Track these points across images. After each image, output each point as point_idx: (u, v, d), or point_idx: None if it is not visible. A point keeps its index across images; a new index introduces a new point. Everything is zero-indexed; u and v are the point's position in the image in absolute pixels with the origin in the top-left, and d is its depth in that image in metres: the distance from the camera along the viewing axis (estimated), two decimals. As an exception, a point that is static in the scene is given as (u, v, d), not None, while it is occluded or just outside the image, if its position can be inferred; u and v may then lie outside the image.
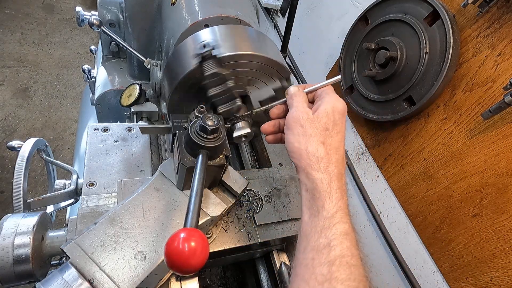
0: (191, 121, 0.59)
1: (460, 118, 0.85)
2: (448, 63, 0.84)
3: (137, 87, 1.05)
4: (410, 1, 0.95)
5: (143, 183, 0.64)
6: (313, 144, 0.49)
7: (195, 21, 0.76)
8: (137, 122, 1.05)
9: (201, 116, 0.56)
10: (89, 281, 0.48)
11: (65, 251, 0.50)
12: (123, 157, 0.79)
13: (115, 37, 1.05)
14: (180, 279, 0.65)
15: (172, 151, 0.67)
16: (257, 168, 0.97)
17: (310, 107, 0.56)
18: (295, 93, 0.56)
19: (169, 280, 0.63)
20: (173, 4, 0.87)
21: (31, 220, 0.59)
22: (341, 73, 1.26)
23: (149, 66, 0.92)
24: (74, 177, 0.82)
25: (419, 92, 0.92)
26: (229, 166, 0.67)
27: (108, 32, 1.04)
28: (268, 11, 2.06)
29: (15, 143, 0.82)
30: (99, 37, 1.48)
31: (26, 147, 0.80)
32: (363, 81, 1.13)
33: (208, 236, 0.66)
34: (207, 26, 0.75)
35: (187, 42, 0.66)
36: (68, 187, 0.80)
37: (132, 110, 1.05)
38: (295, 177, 0.83)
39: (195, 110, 0.61)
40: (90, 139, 0.80)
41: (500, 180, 0.76)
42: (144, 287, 0.52)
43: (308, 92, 0.57)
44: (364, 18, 1.14)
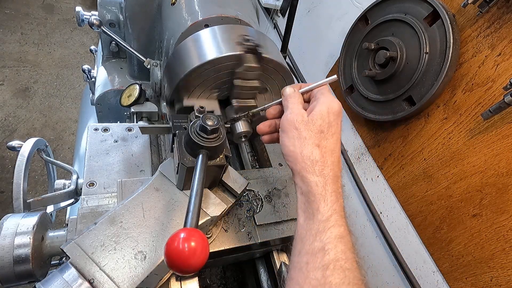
0: (191, 121, 0.59)
1: (460, 118, 0.85)
2: (448, 63, 0.84)
3: (137, 87, 1.05)
4: (410, 1, 0.95)
5: (143, 183, 0.64)
6: (308, 147, 0.49)
7: (195, 21, 0.76)
8: (137, 122, 1.05)
9: (201, 116, 0.56)
10: (89, 281, 0.48)
11: (65, 251, 0.50)
12: (123, 157, 0.79)
13: (115, 37, 1.05)
14: (180, 279, 0.65)
15: (172, 151, 0.67)
16: (257, 168, 0.97)
17: (306, 107, 0.55)
18: (290, 95, 0.55)
19: (169, 280, 0.63)
20: (173, 4, 0.87)
21: (31, 220, 0.59)
22: (341, 73, 1.26)
23: (149, 66, 0.92)
24: (74, 177, 0.82)
25: (419, 92, 0.92)
26: (229, 166, 0.67)
27: (108, 32, 1.04)
28: (268, 11, 2.06)
29: (15, 143, 0.82)
30: (99, 37, 1.48)
31: (26, 147, 0.80)
32: (363, 81, 1.13)
33: (208, 236, 0.66)
34: (207, 26, 0.75)
35: (187, 42, 0.66)
36: (68, 187, 0.80)
37: (132, 110, 1.05)
38: (295, 177, 0.83)
39: (195, 110, 0.61)
40: (90, 139, 0.80)
41: (500, 180, 0.76)
42: (144, 287, 0.52)
43: (303, 93, 0.57)
44: (364, 18, 1.14)
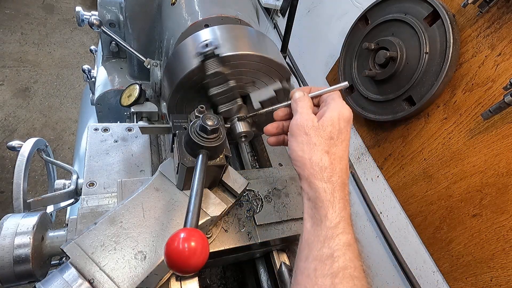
0: (191, 121, 0.59)
1: (460, 118, 0.85)
2: (448, 63, 0.84)
3: (137, 87, 1.05)
4: (410, 1, 0.95)
5: (143, 183, 0.64)
6: (317, 153, 0.48)
7: (195, 21, 0.76)
8: (137, 122, 1.05)
9: (201, 116, 0.56)
10: (89, 281, 0.48)
11: (65, 251, 0.50)
12: (123, 157, 0.79)
13: (115, 37, 1.05)
14: (180, 279, 0.65)
15: (172, 151, 0.67)
16: (257, 168, 0.96)
17: (315, 111, 0.54)
18: (299, 98, 0.54)
19: (169, 280, 0.63)
20: (173, 4, 0.87)
21: (31, 220, 0.59)
22: (341, 73, 1.26)
23: (149, 66, 0.92)
24: (74, 177, 0.82)
25: (419, 92, 0.92)
26: (229, 166, 0.67)
27: (108, 32, 1.04)
28: (268, 11, 2.06)
29: (15, 143, 0.82)
30: (99, 37, 1.48)
31: (26, 147, 0.80)
32: (363, 81, 1.13)
33: (208, 236, 0.66)
34: (207, 26, 0.75)
35: (187, 42, 0.66)
36: (68, 187, 0.80)
37: (132, 110, 1.05)
38: (295, 177, 0.83)
39: (195, 110, 0.61)
40: (90, 139, 0.80)
41: (500, 180, 0.76)
42: (144, 287, 0.52)
43: (313, 97, 0.56)
44: (364, 18, 1.14)
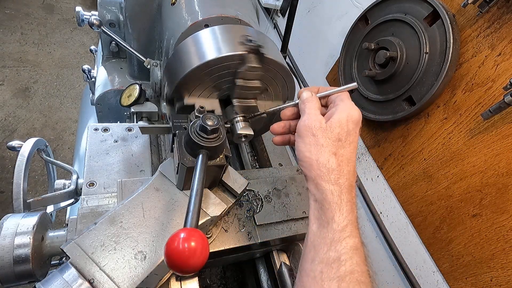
0: (191, 121, 0.59)
1: (460, 118, 0.85)
2: (448, 63, 0.84)
3: (137, 87, 1.05)
4: (410, 1, 0.95)
5: (143, 183, 0.64)
6: (324, 155, 0.48)
7: (195, 21, 0.76)
8: (137, 122, 1.05)
9: (201, 116, 0.56)
10: (89, 281, 0.48)
11: (65, 251, 0.50)
12: (123, 157, 0.79)
13: (115, 37, 1.05)
14: (180, 279, 0.65)
15: (172, 151, 0.67)
16: (257, 168, 0.96)
17: (323, 111, 0.54)
18: (307, 99, 0.53)
19: (169, 280, 0.63)
20: (173, 4, 0.87)
21: (31, 220, 0.59)
22: (341, 73, 1.26)
23: (149, 66, 0.92)
24: (74, 177, 0.82)
25: (419, 92, 0.92)
26: (229, 166, 0.67)
27: (108, 32, 1.04)
28: (268, 11, 2.06)
29: (15, 143, 0.82)
30: (99, 37, 1.48)
31: (26, 147, 0.80)
32: (363, 81, 1.13)
33: (208, 236, 0.65)
34: (207, 26, 0.75)
35: (187, 42, 0.66)
36: (68, 187, 0.80)
37: (132, 110, 1.05)
38: (295, 177, 0.83)
39: (195, 110, 0.61)
40: (90, 139, 0.80)
41: (500, 180, 0.76)
42: (144, 287, 0.52)
43: (321, 97, 0.55)
44: (364, 18, 1.14)
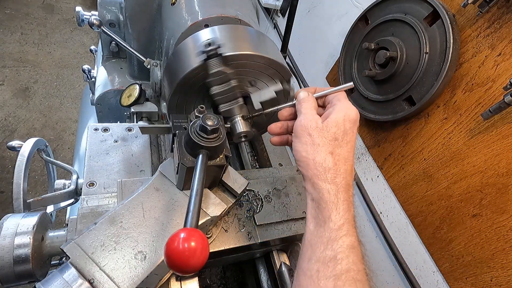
0: (191, 121, 0.59)
1: (460, 118, 0.85)
2: (448, 63, 0.84)
3: (137, 87, 1.05)
4: (410, 1, 0.95)
5: (143, 183, 0.64)
6: (321, 154, 0.48)
7: (195, 21, 0.76)
8: (137, 122, 1.05)
9: (201, 116, 0.56)
10: (89, 281, 0.48)
11: (65, 251, 0.50)
12: (123, 157, 0.79)
13: (115, 37, 1.05)
14: (180, 279, 0.65)
15: (172, 151, 0.67)
16: (257, 168, 0.96)
17: (320, 111, 0.54)
18: (304, 99, 0.54)
19: (169, 280, 0.63)
20: (173, 4, 0.87)
21: (31, 220, 0.59)
22: (341, 73, 1.26)
23: (149, 66, 0.92)
24: (74, 177, 0.82)
25: (419, 92, 0.92)
26: (229, 166, 0.67)
27: (108, 32, 1.04)
28: (268, 11, 2.06)
29: (15, 143, 0.82)
30: (99, 37, 1.48)
31: (26, 147, 0.80)
32: (363, 81, 1.13)
33: (208, 236, 0.65)
34: (207, 26, 0.75)
35: (187, 42, 0.66)
36: (68, 187, 0.80)
37: (132, 110, 1.05)
38: (295, 177, 0.83)
39: (195, 110, 0.61)
40: (90, 139, 0.80)
41: (500, 180, 0.76)
42: (144, 287, 0.52)
43: (318, 97, 0.55)
44: (364, 18, 1.14)
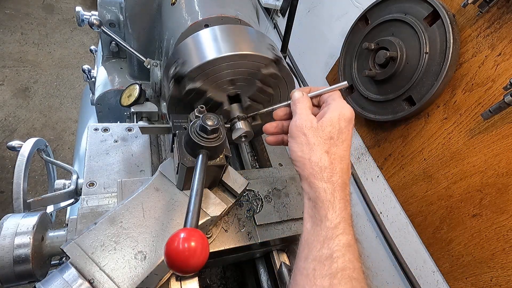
0: (191, 121, 0.59)
1: (460, 118, 0.85)
2: (448, 63, 0.84)
3: (137, 87, 1.05)
4: (410, 1, 0.95)
5: (143, 183, 0.64)
6: (316, 153, 0.48)
7: (195, 21, 0.76)
8: (137, 122, 1.05)
9: (201, 116, 0.56)
10: (89, 281, 0.48)
11: (65, 251, 0.50)
12: (123, 157, 0.79)
13: (115, 37, 1.05)
14: (180, 279, 0.65)
15: (172, 151, 0.67)
16: (257, 168, 0.97)
17: (316, 111, 0.54)
18: (298, 99, 0.54)
19: (169, 280, 0.63)
20: (173, 4, 0.87)
21: (31, 220, 0.59)
22: (341, 73, 1.26)
23: (149, 66, 0.92)
24: (74, 177, 0.82)
25: (419, 92, 0.92)
26: (229, 166, 0.67)
27: (108, 32, 1.04)
28: (268, 11, 2.06)
29: (15, 143, 0.82)
30: (99, 37, 1.48)
31: (26, 147, 0.80)
32: (363, 81, 1.13)
33: (208, 236, 0.66)
34: (207, 26, 0.75)
35: (187, 42, 0.66)
36: (68, 187, 0.80)
37: (132, 110, 1.05)
38: (295, 177, 0.83)
39: (195, 110, 0.61)
40: (90, 139, 0.80)
41: (500, 180, 0.76)
42: (144, 287, 0.52)
43: (313, 97, 0.56)
44: (364, 18, 1.14)
